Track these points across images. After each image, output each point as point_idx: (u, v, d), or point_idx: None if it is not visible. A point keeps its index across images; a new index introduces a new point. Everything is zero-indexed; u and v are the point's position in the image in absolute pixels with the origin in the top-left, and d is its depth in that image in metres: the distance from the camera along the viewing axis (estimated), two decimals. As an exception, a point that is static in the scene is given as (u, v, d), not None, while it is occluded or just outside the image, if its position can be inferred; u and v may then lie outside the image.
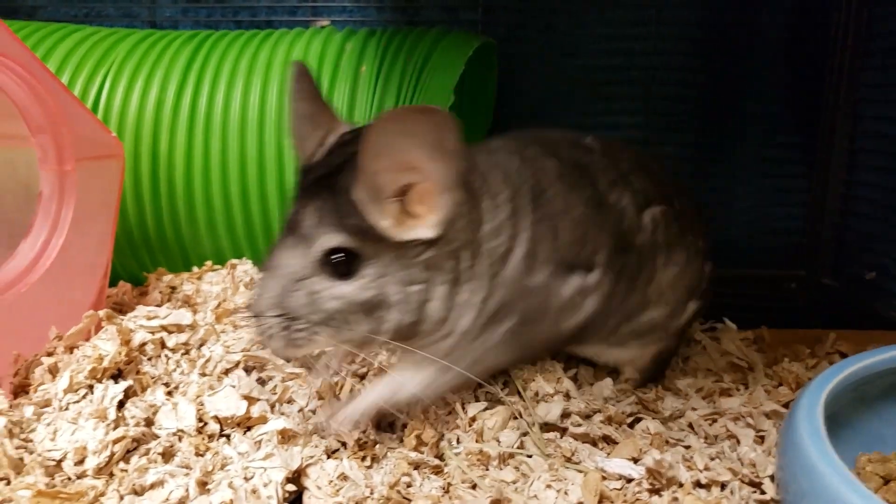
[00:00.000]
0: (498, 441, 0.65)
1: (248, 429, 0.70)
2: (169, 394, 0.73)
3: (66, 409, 0.67)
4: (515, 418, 0.69)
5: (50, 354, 0.78)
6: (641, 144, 1.30)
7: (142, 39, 1.15)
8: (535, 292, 0.64)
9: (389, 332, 0.60)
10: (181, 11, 1.48)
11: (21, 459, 0.59)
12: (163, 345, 0.79)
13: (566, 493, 0.57)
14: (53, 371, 0.73)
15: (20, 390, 0.76)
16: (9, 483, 0.57)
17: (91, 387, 0.69)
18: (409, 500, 0.60)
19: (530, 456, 0.63)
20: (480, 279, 0.62)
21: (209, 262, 1.07)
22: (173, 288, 1.01)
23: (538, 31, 1.31)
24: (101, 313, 0.80)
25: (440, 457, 0.66)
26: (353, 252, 0.58)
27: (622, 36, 1.27)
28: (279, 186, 1.04)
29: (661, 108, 1.28)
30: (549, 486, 0.58)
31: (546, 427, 0.67)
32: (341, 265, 0.58)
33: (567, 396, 0.71)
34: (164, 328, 0.80)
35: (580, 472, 0.60)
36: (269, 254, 0.61)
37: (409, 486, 0.62)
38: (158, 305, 0.97)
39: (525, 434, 0.66)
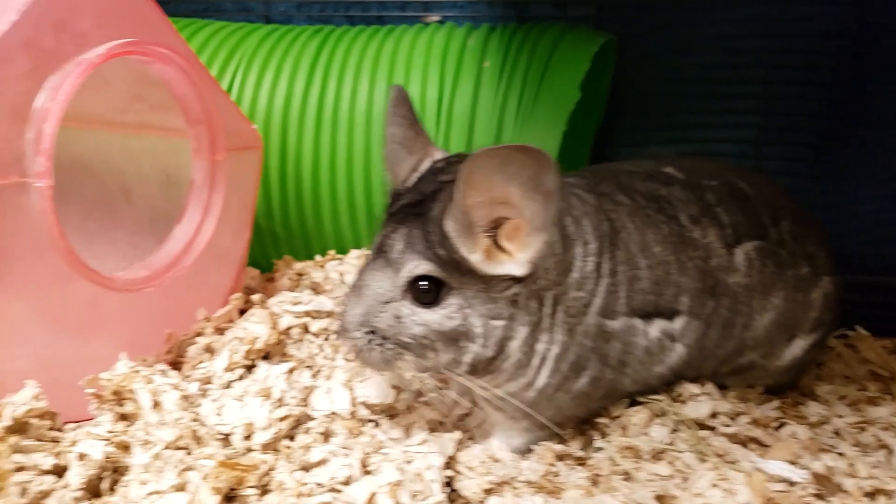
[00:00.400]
0: (647, 436, 0.65)
1: (393, 416, 0.72)
2: (313, 377, 0.75)
3: (229, 386, 0.70)
4: (660, 416, 0.69)
5: (199, 334, 0.82)
6: (756, 146, 1.27)
7: (269, 34, 1.19)
8: (612, 342, 0.63)
9: (469, 364, 0.60)
10: (295, 6, 1.52)
11: (195, 431, 0.63)
12: (306, 329, 0.82)
13: (732, 492, 0.57)
14: (210, 351, 0.76)
15: (172, 367, 0.80)
16: (189, 452, 0.61)
17: (249, 367, 0.72)
18: (561, 489, 0.61)
19: (682, 452, 0.64)
20: (558, 331, 0.62)
21: (332, 251, 1.10)
22: (300, 275, 1.05)
23: (654, 28, 1.29)
24: (256, 297, 0.83)
25: (583, 449, 0.67)
26: (439, 281, 0.58)
27: (742, 33, 1.24)
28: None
29: (780, 108, 1.25)
30: (714, 485, 0.58)
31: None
32: (427, 293, 0.58)
33: (711, 398, 0.70)
34: (307, 314, 0.83)
35: (739, 471, 0.60)
36: (358, 273, 0.63)
37: (556, 475, 0.63)
38: (289, 291, 1.01)
39: (674, 431, 0.66)
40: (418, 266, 0.58)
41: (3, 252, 0.64)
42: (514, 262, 0.58)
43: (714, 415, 0.68)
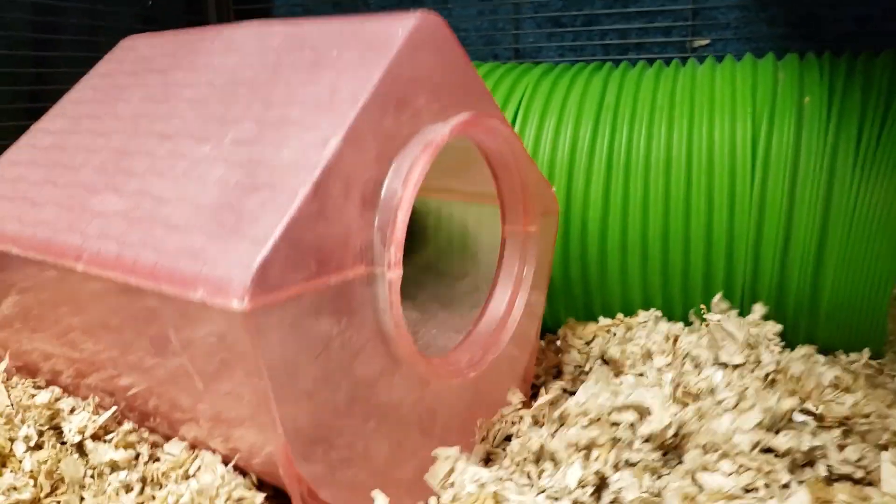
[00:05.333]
0: None
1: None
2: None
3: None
4: None
5: (514, 423, 0.76)
6: None
7: (545, 73, 1.11)
8: None
9: None
10: (545, 37, 1.45)
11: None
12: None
13: None
14: (545, 454, 0.69)
15: (485, 458, 0.74)
16: None
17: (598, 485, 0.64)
18: None
19: None
20: None
21: (620, 315, 1.00)
22: (587, 343, 0.96)
23: None
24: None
25: None
26: None
27: None
28: (706, 234, 0.94)
29: None
30: None
31: None
32: None
33: None
34: (630, 407, 0.73)
35: None
36: None
37: None
38: (579, 366, 0.92)
39: None
40: None
41: (346, 346, 0.60)
42: None
43: None
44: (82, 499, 0.65)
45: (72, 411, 0.74)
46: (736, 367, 0.83)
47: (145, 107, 0.72)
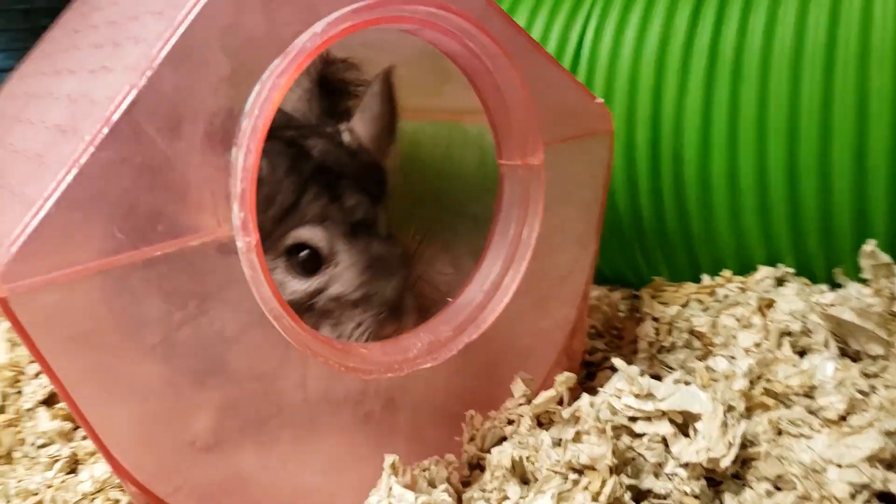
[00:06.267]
0: None
1: None
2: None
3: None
4: None
5: (511, 422, 0.57)
6: None
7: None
8: None
9: None
10: None
11: None
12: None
13: None
14: (520, 471, 0.49)
15: (472, 465, 0.56)
16: None
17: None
18: None
19: None
20: None
21: (727, 272, 0.73)
22: (684, 306, 0.72)
23: None
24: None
25: None
26: None
27: None
28: (855, 158, 0.64)
29: None
30: None
31: None
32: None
33: None
34: (665, 415, 0.50)
35: None
36: None
37: None
38: (653, 344, 0.68)
39: None
40: None
41: (218, 336, 0.46)
42: None
43: None
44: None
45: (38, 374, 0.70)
46: (870, 357, 0.55)
47: (64, 41, 0.62)
